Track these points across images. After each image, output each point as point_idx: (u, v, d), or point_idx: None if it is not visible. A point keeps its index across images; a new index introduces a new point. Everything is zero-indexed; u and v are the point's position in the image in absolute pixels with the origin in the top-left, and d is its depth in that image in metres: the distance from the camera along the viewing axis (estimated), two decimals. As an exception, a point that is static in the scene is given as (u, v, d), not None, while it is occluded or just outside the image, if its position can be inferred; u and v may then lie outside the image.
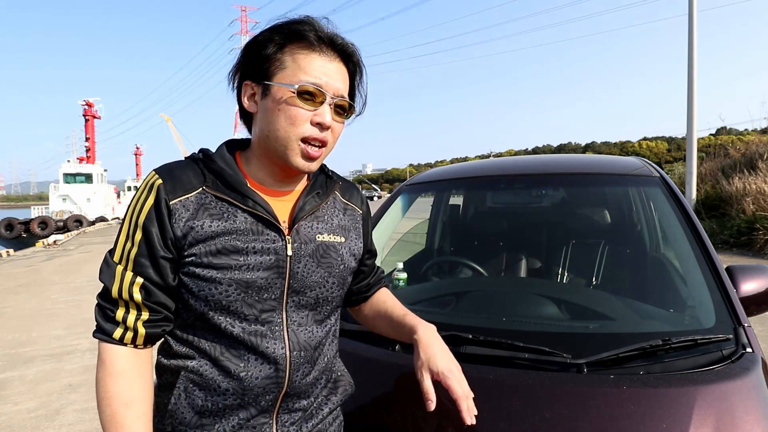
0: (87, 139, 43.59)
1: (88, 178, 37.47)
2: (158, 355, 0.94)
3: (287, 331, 0.91)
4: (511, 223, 2.30)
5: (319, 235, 0.95)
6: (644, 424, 0.97)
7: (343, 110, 0.93)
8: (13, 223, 26.51)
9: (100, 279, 0.85)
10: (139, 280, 0.83)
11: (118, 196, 44.79)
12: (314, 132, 0.87)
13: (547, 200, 2.37)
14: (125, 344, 0.84)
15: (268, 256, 0.88)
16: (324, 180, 1.03)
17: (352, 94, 0.97)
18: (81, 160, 41.65)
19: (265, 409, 0.90)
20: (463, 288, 1.82)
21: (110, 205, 39.01)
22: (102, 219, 33.14)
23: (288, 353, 0.90)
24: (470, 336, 1.25)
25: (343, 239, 1.00)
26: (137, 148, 64.56)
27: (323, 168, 1.05)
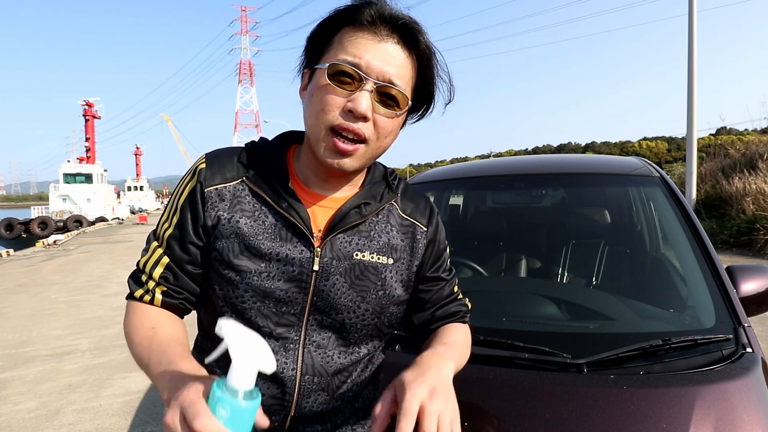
0: (87, 139, 43.64)
1: (88, 178, 37.50)
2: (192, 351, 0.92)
3: (302, 352, 0.81)
4: (511, 223, 2.30)
5: (359, 253, 0.82)
6: (644, 424, 0.97)
7: (395, 101, 0.77)
8: (13, 224, 26.51)
9: (142, 251, 0.86)
10: (165, 260, 0.82)
11: (118, 196, 44.87)
12: (345, 121, 0.74)
13: (547, 200, 2.37)
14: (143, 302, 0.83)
15: (291, 266, 0.79)
16: (381, 189, 0.88)
17: (421, 86, 0.82)
18: (81, 160, 41.69)
19: (274, 429, 0.84)
20: (463, 288, 1.82)
21: (110, 205, 39.05)
22: (102, 219, 33.15)
23: (298, 376, 0.81)
24: (470, 336, 1.25)
25: (390, 261, 0.85)
26: (137, 148, 64.65)
27: (386, 174, 0.91)
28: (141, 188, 54.14)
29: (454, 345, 0.86)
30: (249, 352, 0.54)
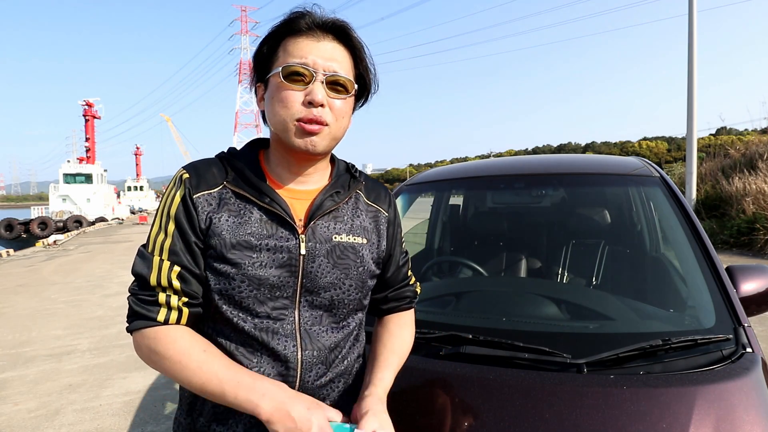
0: (87, 139, 43.63)
1: (88, 178, 37.51)
2: None
3: (299, 330, 0.90)
4: (511, 223, 2.30)
5: (337, 236, 0.93)
6: (644, 424, 0.97)
7: (343, 87, 0.90)
8: (13, 224, 26.51)
9: (134, 271, 0.86)
10: (177, 268, 0.85)
11: (118, 196, 44.86)
12: (308, 112, 0.86)
13: (547, 200, 2.37)
14: (169, 324, 0.84)
15: (280, 254, 0.87)
16: (347, 179, 1.01)
17: (359, 75, 0.94)
18: (81, 160, 41.69)
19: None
20: (463, 288, 1.82)
21: (110, 205, 39.05)
22: (102, 219, 33.16)
23: (300, 352, 0.89)
24: (470, 336, 1.25)
25: (364, 240, 0.97)
26: (137, 148, 64.64)
27: (348, 167, 1.04)
28: (141, 188, 54.14)
29: (396, 359, 1.01)
30: None
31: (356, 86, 0.93)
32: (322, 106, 0.87)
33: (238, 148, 0.99)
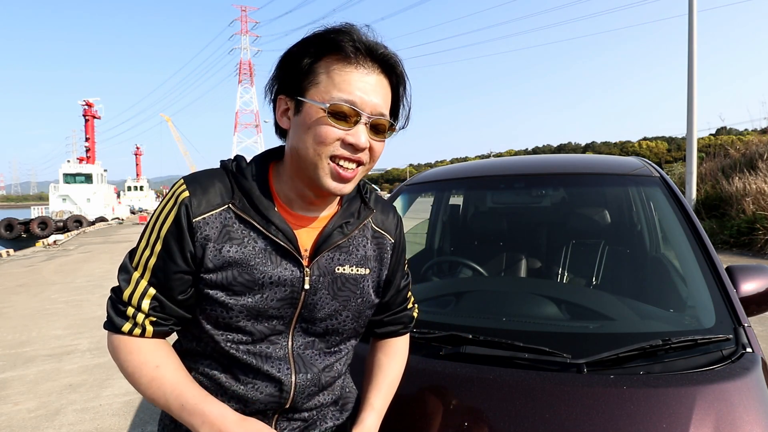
0: (87, 140, 43.65)
1: (88, 178, 37.52)
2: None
3: (292, 354, 0.88)
4: (511, 223, 2.30)
5: (339, 267, 0.90)
6: (644, 424, 0.97)
7: (383, 129, 0.84)
8: (13, 224, 26.52)
9: (118, 277, 0.85)
10: (152, 291, 0.82)
11: (118, 196, 44.85)
12: (345, 152, 0.80)
13: (547, 200, 2.37)
14: (132, 336, 0.84)
15: (283, 287, 0.84)
16: (358, 206, 0.94)
17: (395, 108, 0.89)
18: (81, 160, 41.71)
19: (266, 416, 0.89)
20: (464, 288, 1.82)
21: (110, 205, 39.05)
22: (102, 219, 33.16)
23: (294, 375, 0.88)
24: (470, 336, 1.26)
25: (366, 271, 0.94)
26: (137, 148, 64.64)
27: (360, 190, 0.97)
28: (141, 188, 54.13)
29: (381, 400, 0.99)
30: None
31: (395, 126, 0.87)
32: (363, 149, 0.81)
33: (239, 151, 0.95)
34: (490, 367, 1.18)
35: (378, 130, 0.83)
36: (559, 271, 1.88)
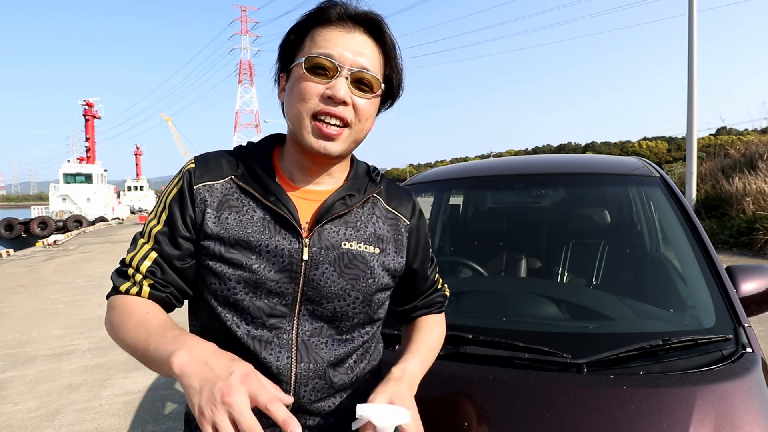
0: (87, 139, 43.68)
1: (88, 178, 37.55)
2: None
3: (296, 341, 0.84)
4: (511, 223, 2.30)
5: (347, 243, 0.86)
6: (644, 424, 0.97)
7: (368, 86, 0.82)
8: (13, 223, 26.51)
9: (127, 251, 0.86)
10: (153, 254, 0.82)
11: (118, 196, 44.85)
12: (326, 107, 0.79)
13: (547, 200, 2.37)
14: (128, 294, 0.83)
15: (281, 257, 0.82)
16: (365, 183, 0.92)
17: (388, 76, 0.88)
18: (81, 160, 41.74)
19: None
20: (463, 288, 1.82)
21: (110, 205, 39.08)
22: (102, 219, 33.18)
23: (294, 365, 0.83)
24: (470, 336, 1.25)
25: (377, 251, 0.89)
26: (137, 148, 64.63)
27: (369, 170, 0.96)
28: (141, 188, 54.13)
29: (423, 349, 0.96)
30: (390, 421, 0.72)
31: (383, 86, 0.87)
32: (344, 103, 0.80)
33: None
34: (490, 367, 1.18)
35: (362, 87, 0.82)
36: (559, 271, 1.88)
